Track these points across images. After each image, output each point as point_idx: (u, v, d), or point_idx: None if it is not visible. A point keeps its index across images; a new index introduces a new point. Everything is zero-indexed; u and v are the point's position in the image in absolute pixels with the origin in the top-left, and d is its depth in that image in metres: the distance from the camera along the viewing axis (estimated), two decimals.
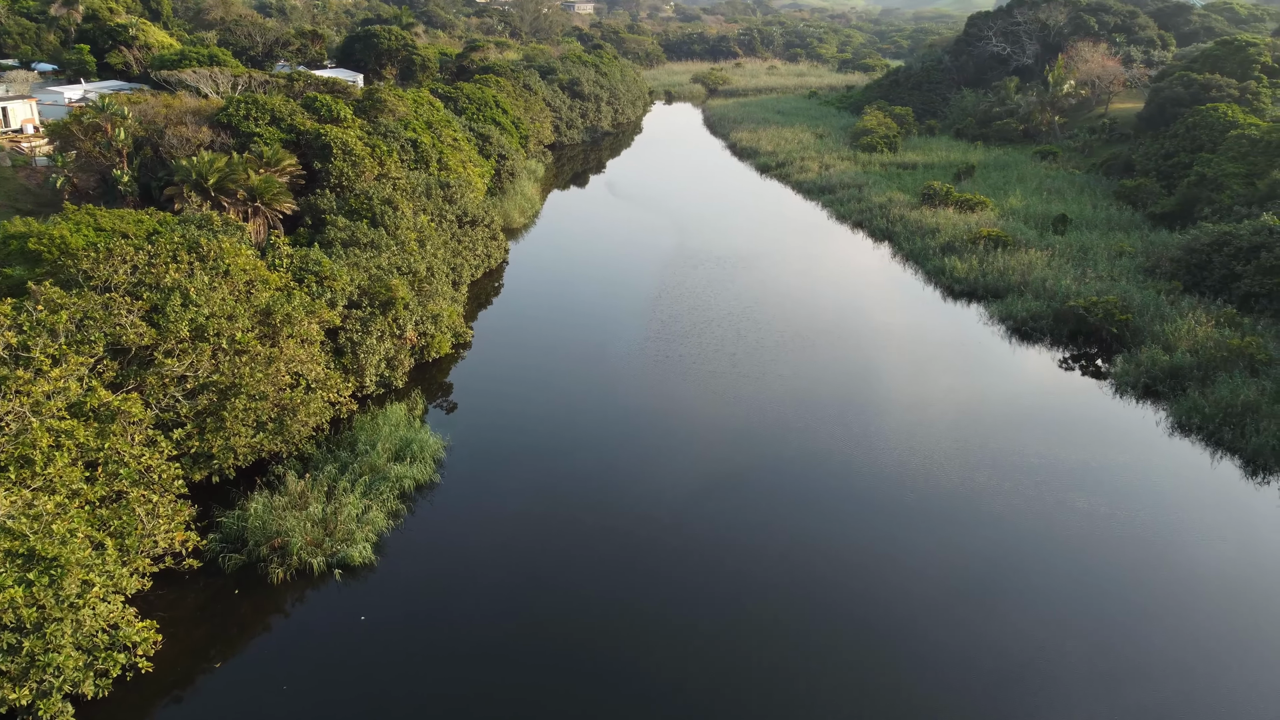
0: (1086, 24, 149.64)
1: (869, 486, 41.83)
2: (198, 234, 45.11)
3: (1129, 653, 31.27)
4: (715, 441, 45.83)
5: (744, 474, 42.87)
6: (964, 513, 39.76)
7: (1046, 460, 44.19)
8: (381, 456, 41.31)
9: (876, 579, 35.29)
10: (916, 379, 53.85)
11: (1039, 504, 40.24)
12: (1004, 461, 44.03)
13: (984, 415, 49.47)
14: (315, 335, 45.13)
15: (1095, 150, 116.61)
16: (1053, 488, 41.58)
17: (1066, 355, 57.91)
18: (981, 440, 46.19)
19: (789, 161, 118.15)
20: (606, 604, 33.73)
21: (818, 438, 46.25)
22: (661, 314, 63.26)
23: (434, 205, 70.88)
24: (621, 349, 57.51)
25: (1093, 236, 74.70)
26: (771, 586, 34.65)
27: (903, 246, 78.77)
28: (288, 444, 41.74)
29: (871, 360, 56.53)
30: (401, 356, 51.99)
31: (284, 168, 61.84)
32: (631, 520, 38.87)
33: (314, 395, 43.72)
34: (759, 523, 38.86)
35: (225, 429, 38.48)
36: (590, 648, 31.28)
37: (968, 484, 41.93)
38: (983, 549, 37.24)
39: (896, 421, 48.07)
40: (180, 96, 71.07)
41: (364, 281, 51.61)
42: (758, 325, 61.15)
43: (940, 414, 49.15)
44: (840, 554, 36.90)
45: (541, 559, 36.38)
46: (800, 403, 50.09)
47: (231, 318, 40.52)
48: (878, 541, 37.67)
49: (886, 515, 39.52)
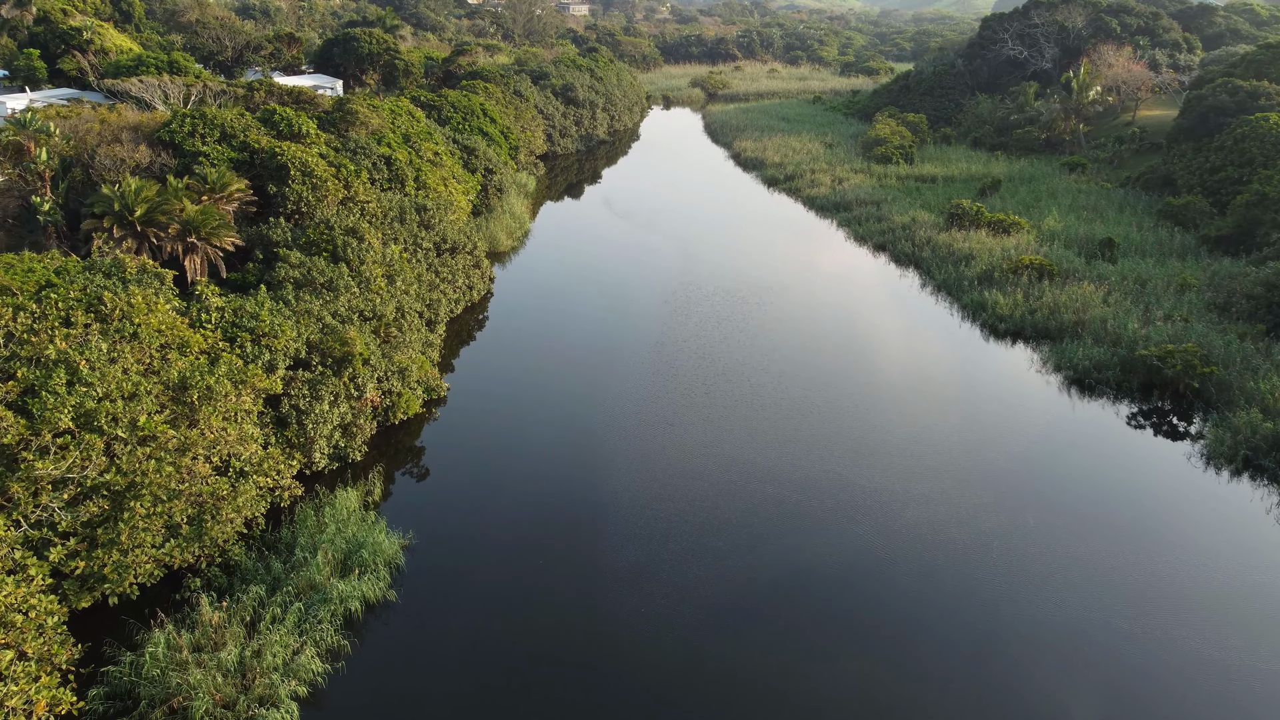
0: (1108, 26, 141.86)
1: (928, 615, 33.75)
2: (104, 285, 36.89)
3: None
4: (735, 546, 37.66)
5: (772, 590, 34.72)
6: (1052, 663, 31.69)
7: (1147, 571, 36.11)
8: (323, 569, 33.09)
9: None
10: (971, 452, 45.60)
11: (1154, 642, 32.19)
12: (1096, 574, 35.97)
13: (1060, 504, 41.37)
14: (248, 407, 36.97)
15: (1126, 161, 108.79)
16: (1165, 616, 33.52)
17: (1134, 411, 49.88)
18: (1064, 544, 38.10)
19: (798, 174, 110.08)
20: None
21: (861, 536, 38.16)
22: (663, 364, 55.08)
23: (408, 232, 62.72)
24: (618, 409, 49.36)
25: (1147, 265, 66.67)
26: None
27: (934, 276, 70.62)
28: (208, 551, 33.60)
29: (916, 429, 48.24)
30: (361, 422, 43.83)
31: (231, 193, 53.63)
32: (635, 655, 30.75)
33: (246, 483, 35.59)
34: (799, 658, 30.77)
35: (120, 543, 30.32)
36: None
37: (1050, 605, 33.87)
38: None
39: (951, 521, 39.97)
40: (119, 110, 62.80)
41: (314, 335, 43.40)
42: (778, 380, 52.85)
43: (1003, 498, 41.08)
44: (920, 693, 28.86)
45: (524, 710, 28.25)
46: (835, 484, 41.97)
47: (133, 397, 32.33)
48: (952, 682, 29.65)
49: (945, 653, 31.47)
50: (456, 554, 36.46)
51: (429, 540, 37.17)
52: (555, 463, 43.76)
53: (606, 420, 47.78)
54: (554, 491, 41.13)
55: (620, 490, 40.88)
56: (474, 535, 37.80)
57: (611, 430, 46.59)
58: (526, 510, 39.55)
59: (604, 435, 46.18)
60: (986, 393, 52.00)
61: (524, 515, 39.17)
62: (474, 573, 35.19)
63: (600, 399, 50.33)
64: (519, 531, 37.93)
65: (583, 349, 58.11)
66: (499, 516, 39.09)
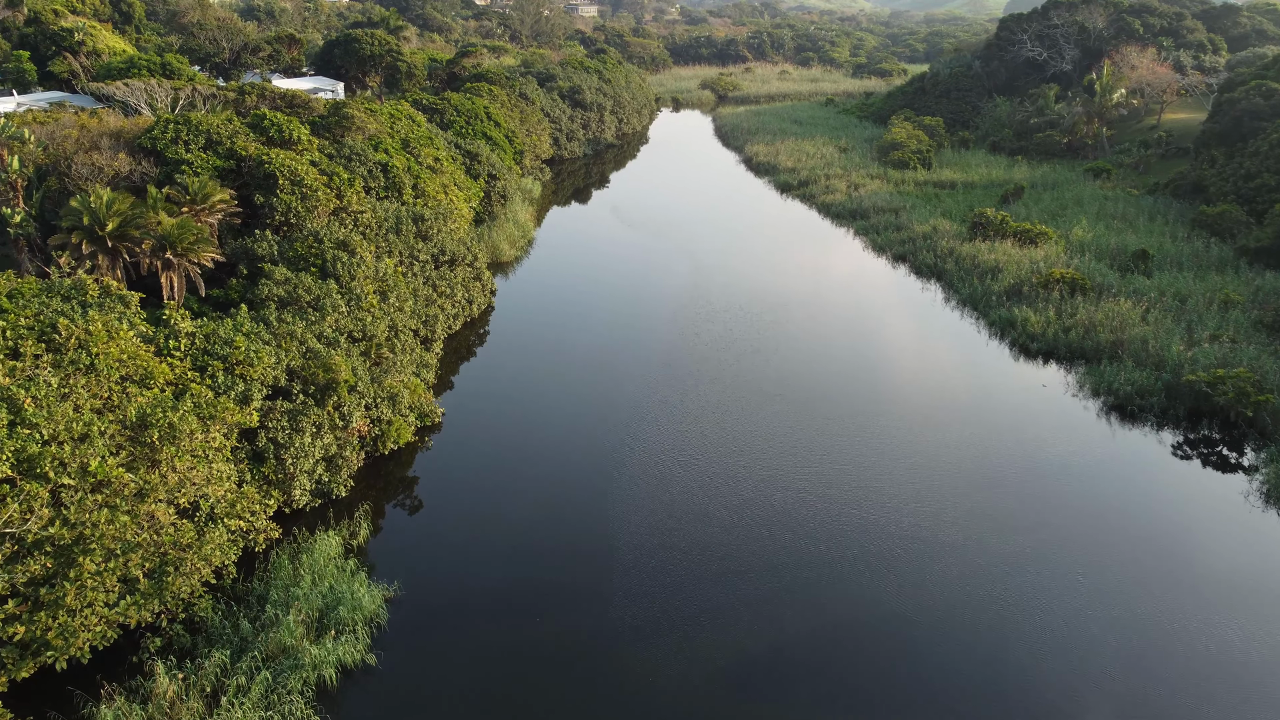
0: (1130, 27, 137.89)
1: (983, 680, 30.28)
2: (60, 310, 33.67)
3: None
4: (750, 602, 34.22)
5: (792, 656, 31.29)
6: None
7: (1216, 638, 32.59)
8: (295, 630, 29.76)
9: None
10: (1008, 492, 42.07)
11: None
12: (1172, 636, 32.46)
13: (1112, 552, 37.83)
14: (219, 444, 33.71)
15: (1152, 167, 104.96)
16: (1236, 694, 30.02)
17: (1180, 440, 46.27)
18: (1123, 603, 34.58)
19: (812, 180, 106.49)
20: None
21: (889, 592, 34.70)
22: (673, 389, 51.69)
23: (404, 243, 59.46)
24: (624, 439, 45.99)
25: (1185, 279, 62.93)
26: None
27: (958, 289, 67.00)
28: (170, 607, 30.34)
29: (945, 465, 44.71)
30: (347, 453, 40.53)
31: (214, 204, 50.44)
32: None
33: (215, 528, 32.35)
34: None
35: (67, 604, 27.06)
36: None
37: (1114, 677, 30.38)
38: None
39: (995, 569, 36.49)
40: (100, 115, 59.69)
41: (296, 361, 40.12)
42: (796, 409, 49.30)
43: (1049, 548, 37.57)
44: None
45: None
46: (858, 531, 38.52)
47: (84, 438, 29.07)
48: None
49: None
50: (445, 608, 33.08)
51: (416, 590, 33.82)
52: (556, 499, 40.37)
53: (612, 452, 44.37)
54: (554, 532, 37.75)
55: (626, 532, 37.45)
56: (465, 584, 34.42)
57: (617, 463, 43.17)
58: (523, 555, 36.18)
59: (609, 469, 42.75)
60: (1020, 421, 48.35)
61: (520, 560, 35.80)
62: (463, 631, 31.82)
63: (605, 428, 46.92)
64: (515, 581, 34.55)
65: (587, 370, 54.73)
66: (494, 562, 35.72)
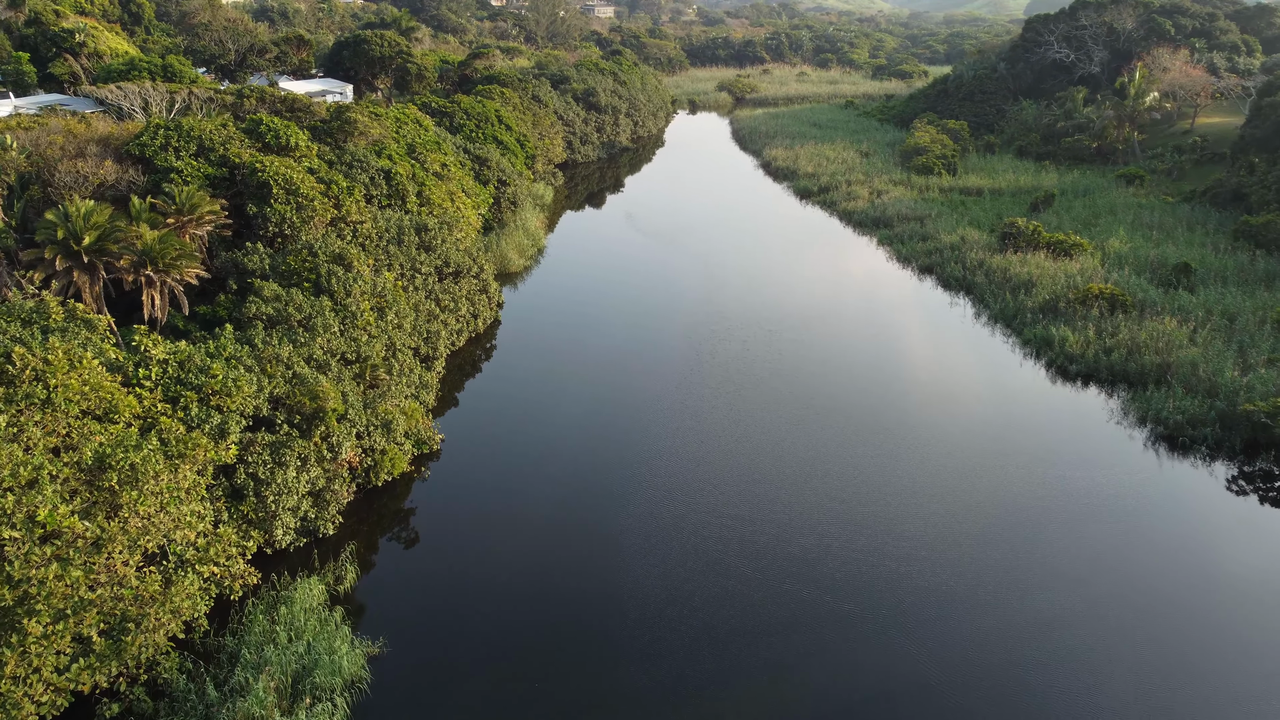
0: (1161, 28, 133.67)
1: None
2: (18, 336, 30.85)
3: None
4: (767, 666, 31.04)
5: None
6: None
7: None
8: (266, 698, 26.79)
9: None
10: (1051, 536, 38.71)
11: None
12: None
13: (1171, 605, 34.45)
14: (190, 484, 30.82)
15: (1186, 173, 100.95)
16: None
17: (1236, 473, 42.76)
18: (1188, 665, 31.22)
19: (833, 185, 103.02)
20: None
21: (921, 659, 31.44)
22: (688, 416, 48.60)
23: (405, 255, 56.56)
24: (635, 474, 42.88)
25: (1232, 295, 59.23)
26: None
27: (989, 305, 63.50)
28: (130, 669, 27.46)
29: (981, 508, 41.36)
30: (336, 487, 37.60)
31: (202, 215, 47.65)
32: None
33: (186, 576, 29.47)
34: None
35: (8, 672, 24.21)
36: None
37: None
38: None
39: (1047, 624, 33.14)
40: (90, 120, 57.09)
41: (281, 387, 37.21)
42: (820, 440, 46.10)
43: (1100, 601, 34.21)
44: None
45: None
46: (887, 585, 35.28)
47: (32, 484, 26.20)
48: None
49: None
50: (434, 667, 30.08)
51: (403, 643, 30.85)
52: (561, 540, 37.30)
53: (622, 487, 41.26)
54: (557, 580, 34.65)
55: (635, 583, 34.33)
56: (458, 638, 31.39)
57: (626, 502, 40.04)
58: (523, 603, 33.13)
59: (618, 508, 39.62)
60: (1062, 453, 44.85)
61: (520, 610, 32.76)
62: (452, 695, 28.78)
63: (615, 461, 43.80)
64: (512, 634, 31.50)
65: (597, 390, 51.62)
66: (490, 611, 32.69)
